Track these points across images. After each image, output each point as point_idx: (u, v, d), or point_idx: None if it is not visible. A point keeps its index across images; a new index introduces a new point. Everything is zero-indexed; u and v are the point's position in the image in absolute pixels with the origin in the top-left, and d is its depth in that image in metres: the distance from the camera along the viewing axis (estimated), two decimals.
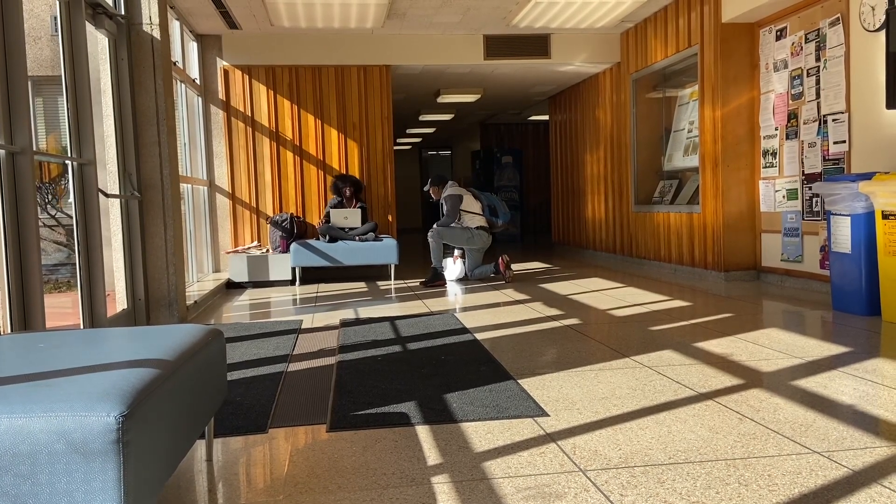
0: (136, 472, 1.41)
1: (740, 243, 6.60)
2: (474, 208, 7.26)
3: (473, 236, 7.18)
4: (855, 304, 4.63)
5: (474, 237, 7.18)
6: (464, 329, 4.51)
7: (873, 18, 5.05)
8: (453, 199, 7.21)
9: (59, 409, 1.36)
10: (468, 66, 8.49)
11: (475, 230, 7.19)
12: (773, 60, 6.23)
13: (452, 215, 7.18)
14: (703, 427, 2.49)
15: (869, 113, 5.16)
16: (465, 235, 7.17)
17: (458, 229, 7.18)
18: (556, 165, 11.32)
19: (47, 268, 10.41)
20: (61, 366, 1.68)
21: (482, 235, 7.21)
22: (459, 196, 7.24)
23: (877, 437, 2.34)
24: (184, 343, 1.94)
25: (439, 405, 2.83)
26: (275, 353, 3.93)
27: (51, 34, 12.59)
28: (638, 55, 8.10)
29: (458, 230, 7.17)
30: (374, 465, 2.22)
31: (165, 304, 5.19)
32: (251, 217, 8.13)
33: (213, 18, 7.22)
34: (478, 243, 7.21)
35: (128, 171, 5.03)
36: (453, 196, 7.22)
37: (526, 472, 2.14)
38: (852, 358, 3.43)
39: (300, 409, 2.88)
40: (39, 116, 11.91)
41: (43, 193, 11.11)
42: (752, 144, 6.56)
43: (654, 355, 3.62)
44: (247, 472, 2.25)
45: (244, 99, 8.03)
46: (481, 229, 7.22)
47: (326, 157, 8.23)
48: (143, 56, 5.09)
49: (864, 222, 4.54)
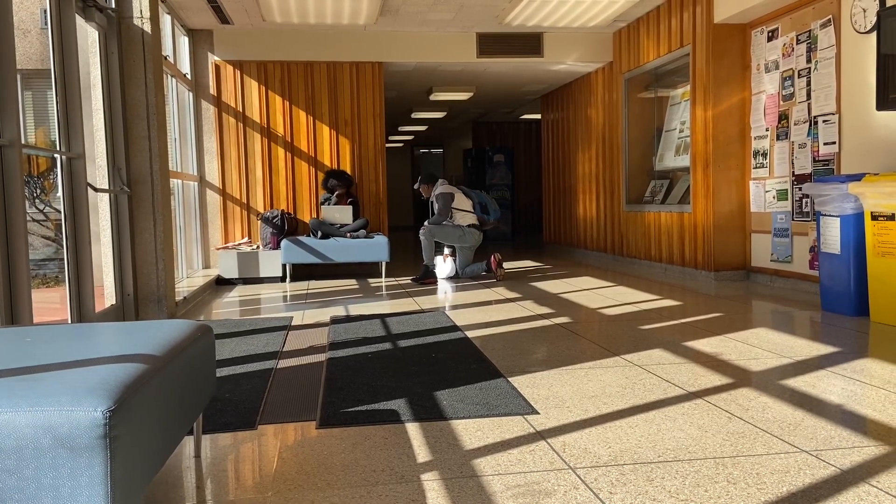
0: (123, 467, 1.39)
1: (730, 243, 6.62)
2: (465, 206, 7.26)
3: (465, 234, 7.18)
4: (844, 304, 4.66)
5: (465, 235, 7.19)
6: (455, 327, 4.50)
7: (864, 20, 5.07)
8: (444, 197, 7.21)
9: (46, 404, 1.35)
10: (461, 63, 8.48)
11: (466, 228, 7.19)
12: (764, 61, 6.26)
13: (444, 213, 7.18)
14: (693, 425, 2.49)
15: (859, 114, 5.19)
16: (456, 233, 7.17)
17: (450, 227, 7.18)
18: (547, 164, 11.33)
19: (35, 262, 10.34)
20: (48, 360, 1.67)
21: (473, 233, 7.22)
22: (451, 194, 7.24)
23: (864, 436, 2.35)
24: (172, 339, 1.92)
25: (429, 402, 2.83)
26: (264, 350, 3.91)
27: (40, 27, 12.50)
28: (630, 55, 8.11)
29: (449, 228, 7.18)
30: (363, 462, 2.22)
31: (154, 299, 5.16)
32: (242, 213, 8.10)
33: (205, 13, 7.18)
34: (469, 241, 7.21)
35: (117, 166, 5.00)
36: (444, 194, 7.22)
37: (515, 469, 2.14)
38: (841, 358, 3.45)
39: (289, 405, 2.87)
40: (28, 110, 11.82)
41: (31, 187, 11.03)
42: (743, 145, 6.58)
43: (644, 354, 3.63)
44: (235, 468, 2.24)
45: (235, 94, 8.00)
46: (472, 227, 7.23)
47: (318, 153, 8.20)
48: (134, 50, 5.05)
49: (854, 223, 4.56)
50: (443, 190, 7.27)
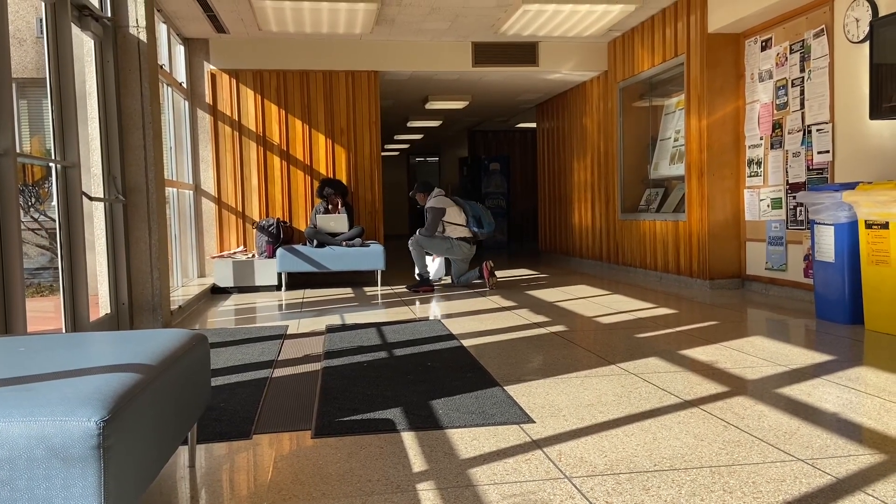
0: (116, 477, 1.39)
1: (725, 252, 6.64)
2: (457, 220, 7.22)
3: (453, 247, 7.16)
4: (838, 312, 4.67)
5: (454, 248, 7.17)
6: (450, 335, 4.50)
7: (857, 30, 5.10)
8: (435, 213, 7.16)
9: (39, 414, 1.34)
10: (456, 72, 8.50)
11: (455, 241, 7.17)
12: (758, 71, 6.29)
13: (431, 230, 7.15)
14: (689, 434, 2.49)
15: (853, 123, 5.22)
16: (444, 245, 7.16)
17: (438, 239, 7.16)
18: (543, 173, 11.35)
19: (29, 271, 10.30)
20: (42, 370, 1.66)
21: (463, 246, 7.19)
22: (442, 209, 7.18)
23: (860, 444, 2.35)
24: (167, 348, 1.92)
25: (425, 411, 2.82)
26: (260, 359, 3.90)
27: (36, 36, 12.50)
28: (625, 64, 8.15)
29: (437, 240, 7.15)
30: (359, 472, 2.21)
31: (149, 308, 5.14)
32: (237, 222, 8.09)
33: (201, 22, 7.20)
34: (458, 254, 7.20)
35: (112, 175, 4.99)
36: (436, 209, 7.17)
37: (511, 478, 2.13)
38: (836, 366, 3.45)
39: (285, 415, 2.86)
40: (24, 118, 11.81)
41: (26, 196, 11.00)
42: (738, 154, 6.61)
43: (640, 362, 3.63)
44: (230, 478, 2.23)
45: (231, 103, 8.00)
46: (462, 240, 7.20)
47: (314, 161, 8.20)
48: (130, 59, 5.06)
49: (848, 232, 4.58)
50: (434, 204, 7.21)
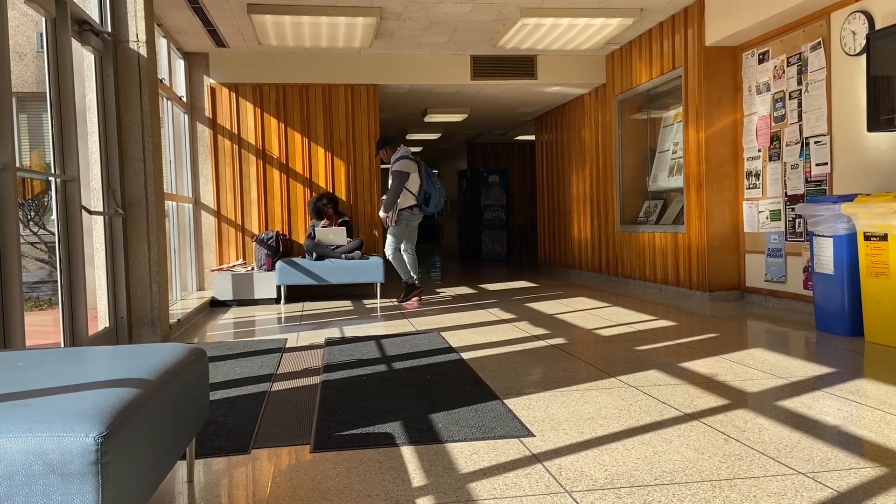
0: (114, 493, 1.38)
1: (724, 264, 6.64)
2: (413, 188, 7.01)
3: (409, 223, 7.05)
4: (838, 324, 4.66)
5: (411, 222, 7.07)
6: (449, 348, 4.49)
7: (854, 43, 5.13)
8: (400, 178, 6.93)
9: (37, 430, 1.34)
10: (455, 86, 8.54)
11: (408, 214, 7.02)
12: (755, 83, 6.32)
13: (396, 193, 6.90)
14: (689, 448, 2.48)
15: (850, 135, 5.23)
16: (405, 233, 7.07)
17: (400, 228, 7.01)
18: (542, 185, 11.37)
19: (28, 285, 10.30)
20: (40, 385, 1.65)
21: (412, 219, 7.07)
22: (406, 175, 6.96)
23: (861, 457, 2.34)
24: (166, 362, 1.91)
25: (424, 425, 2.81)
26: (258, 373, 3.89)
27: (36, 50, 12.55)
28: (623, 77, 8.18)
29: (402, 228, 7.02)
30: (358, 487, 2.20)
31: (148, 322, 5.14)
32: (236, 235, 8.09)
33: (201, 36, 7.23)
34: (414, 222, 7.11)
35: (112, 189, 5.00)
36: (401, 174, 6.94)
37: (512, 493, 2.12)
38: (836, 378, 3.45)
39: (283, 429, 2.85)
40: (23, 133, 11.83)
41: (25, 210, 11.01)
42: (736, 166, 6.62)
43: (640, 375, 3.62)
44: (228, 493, 2.22)
45: (231, 117, 8.02)
46: (411, 209, 7.04)
47: (313, 175, 8.22)
48: (130, 73, 5.07)
49: (847, 243, 4.58)
50: (400, 167, 6.97)
